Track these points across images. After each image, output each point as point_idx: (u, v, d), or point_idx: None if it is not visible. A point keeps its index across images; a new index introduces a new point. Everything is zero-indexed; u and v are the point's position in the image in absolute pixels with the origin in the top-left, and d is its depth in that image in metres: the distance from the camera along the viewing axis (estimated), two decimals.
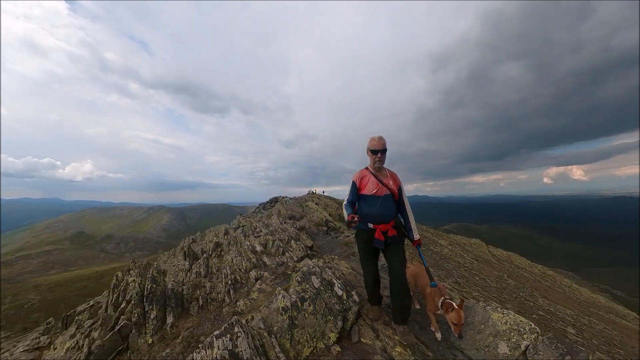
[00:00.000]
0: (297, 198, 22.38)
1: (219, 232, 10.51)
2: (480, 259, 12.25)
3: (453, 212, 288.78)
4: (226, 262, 5.33)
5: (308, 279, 2.88)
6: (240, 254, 5.53)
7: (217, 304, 3.89)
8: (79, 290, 36.25)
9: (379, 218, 2.37)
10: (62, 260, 67.52)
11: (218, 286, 4.29)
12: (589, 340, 4.42)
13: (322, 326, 2.41)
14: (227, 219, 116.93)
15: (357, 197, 2.50)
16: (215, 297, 4.04)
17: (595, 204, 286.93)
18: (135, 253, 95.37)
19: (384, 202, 2.38)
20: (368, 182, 2.42)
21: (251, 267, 4.97)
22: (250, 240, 6.40)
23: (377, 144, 2.36)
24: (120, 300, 4.14)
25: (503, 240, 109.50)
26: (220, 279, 4.58)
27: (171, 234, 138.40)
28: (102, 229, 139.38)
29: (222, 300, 3.95)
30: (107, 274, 44.80)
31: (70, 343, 3.77)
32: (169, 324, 3.46)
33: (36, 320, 25.75)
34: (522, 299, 6.41)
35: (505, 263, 13.63)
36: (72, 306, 29.70)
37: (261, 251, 5.79)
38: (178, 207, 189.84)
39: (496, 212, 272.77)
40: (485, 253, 14.69)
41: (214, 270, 5.37)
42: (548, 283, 12.03)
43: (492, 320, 2.47)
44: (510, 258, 15.85)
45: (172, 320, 3.53)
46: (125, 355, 3.11)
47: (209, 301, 3.91)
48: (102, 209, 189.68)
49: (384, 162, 2.44)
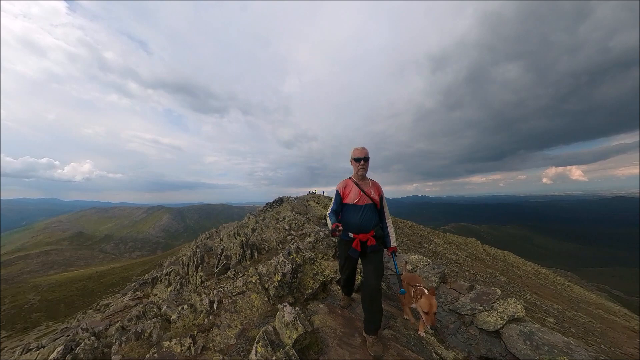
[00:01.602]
0: (299, 198, 25.09)
1: (245, 223, 15.33)
2: (474, 257, 12.52)
3: (452, 213, 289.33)
4: (268, 234, 8.95)
5: (317, 233, 6.18)
6: (277, 230, 9.23)
7: (274, 250, 7.38)
8: (79, 290, 36.36)
9: (359, 227, 2.39)
10: (61, 261, 67.56)
11: (272, 243, 7.82)
12: (568, 329, 4.68)
13: (326, 251, 5.13)
14: (226, 219, 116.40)
15: (341, 206, 2.54)
16: (274, 247, 7.53)
17: (594, 204, 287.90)
18: (134, 253, 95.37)
19: (365, 212, 2.42)
20: (351, 192, 2.47)
21: (285, 235, 8.39)
22: (280, 224, 10.19)
23: (360, 152, 2.47)
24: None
25: (502, 240, 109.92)
26: (270, 241, 8.08)
27: (170, 234, 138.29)
28: (101, 229, 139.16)
29: (276, 248, 7.42)
30: (107, 274, 44.91)
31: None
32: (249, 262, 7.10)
33: (37, 320, 25.88)
34: (509, 292, 6.67)
35: (499, 261, 13.89)
36: (73, 306, 29.50)
37: (290, 228, 9.36)
38: (177, 207, 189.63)
39: (495, 212, 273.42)
40: (479, 251, 14.96)
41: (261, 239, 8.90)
42: (540, 280, 12.30)
43: None
44: (505, 257, 16.12)
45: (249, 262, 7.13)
46: None
47: (268, 249, 7.49)
48: (100, 209, 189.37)
49: (367, 170, 2.51)
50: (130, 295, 11.23)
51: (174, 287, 8.31)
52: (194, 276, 8.25)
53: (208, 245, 12.45)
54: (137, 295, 10.99)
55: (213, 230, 21.75)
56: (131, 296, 11.03)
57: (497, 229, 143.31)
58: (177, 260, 14.00)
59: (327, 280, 3.64)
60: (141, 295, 10.84)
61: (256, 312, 3.08)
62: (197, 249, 10.85)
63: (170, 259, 16.31)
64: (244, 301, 3.32)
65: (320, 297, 3.34)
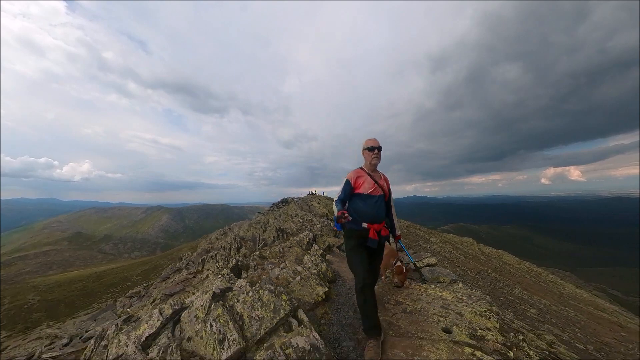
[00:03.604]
0: (302, 198, 27.90)
1: (259, 220, 19.23)
2: (469, 255, 12.77)
3: (451, 213, 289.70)
4: (287, 225, 13.29)
5: (322, 222, 11.44)
6: (294, 222, 13.63)
7: (295, 234, 10.33)
8: (79, 290, 36.38)
9: (373, 217, 2.38)
10: (61, 261, 67.46)
11: (293, 229, 11.98)
12: (548, 319, 4.92)
13: (329, 232, 9.69)
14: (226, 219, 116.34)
15: (350, 196, 2.51)
16: (295, 232, 11.09)
17: (593, 204, 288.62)
18: (133, 254, 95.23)
19: (379, 202, 2.44)
20: (364, 182, 2.46)
21: (300, 225, 12.29)
22: (295, 218, 14.62)
23: (374, 142, 2.51)
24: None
25: (501, 240, 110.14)
26: (291, 228, 12.27)
27: (170, 235, 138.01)
28: (100, 230, 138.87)
29: (296, 233, 10.90)
30: (107, 274, 44.90)
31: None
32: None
33: (37, 320, 25.96)
34: (497, 286, 6.91)
35: (493, 259, 14.15)
36: (73, 306, 29.63)
37: (302, 221, 13.17)
38: (176, 208, 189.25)
39: (494, 212, 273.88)
40: (474, 250, 15.22)
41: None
42: (533, 278, 12.55)
43: None
44: (500, 255, 16.39)
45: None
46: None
47: (291, 233, 11.44)
48: (100, 209, 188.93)
49: (380, 159, 2.53)
50: (187, 273, 12.46)
51: (226, 262, 10.48)
52: (237, 255, 10.40)
53: (241, 235, 15.20)
54: (191, 271, 12.42)
55: (226, 227, 27.41)
56: (187, 274, 12.25)
57: (497, 229, 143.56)
58: (211, 248, 16.94)
59: (331, 244, 7.62)
60: (195, 271, 12.17)
61: (299, 253, 7.19)
62: (236, 237, 14.42)
63: (196, 251, 19.82)
64: (293, 251, 7.50)
65: (327, 253, 6.52)
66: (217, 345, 1.98)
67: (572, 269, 59.79)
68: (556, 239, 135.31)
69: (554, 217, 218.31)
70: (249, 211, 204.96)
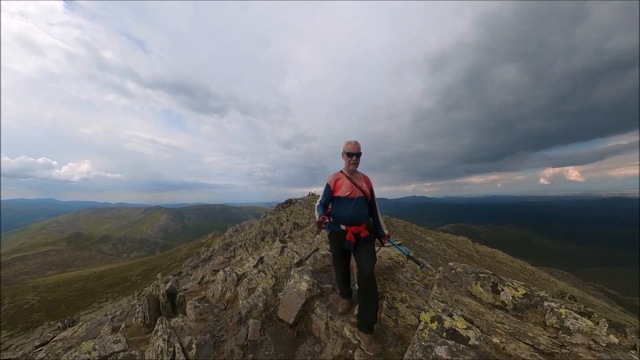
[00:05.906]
0: (304, 199, 30.73)
1: (269, 219, 23.47)
2: (463, 254, 13.04)
3: (451, 213, 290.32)
4: (299, 220, 19.55)
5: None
6: (304, 217, 19.75)
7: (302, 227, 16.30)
8: (79, 290, 36.62)
9: (351, 220, 2.39)
10: (60, 261, 67.59)
11: (303, 223, 18.07)
12: None
13: None
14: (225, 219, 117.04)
15: (331, 199, 2.56)
16: (305, 225, 16.64)
17: (592, 205, 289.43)
18: (132, 254, 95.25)
19: (357, 204, 2.44)
20: (342, 185, 2.48)
21: (308, 220, 17.89)
22: (303, 216, 20.27)
23: (353, 147, 2.45)
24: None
25: (501, 241, 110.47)
26: (302, 222, 18.45)
27: (169, 235, 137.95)
28: (99, 230, 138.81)
29: (305, 225, 16.39)
30: (106, 274, 45.10)
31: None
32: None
33: (38, 320, 26.17)
34: None
35: (487, 258, 14.43)
36: (73, 306, 30.00)
37: (310, 217, 17.93)
38: (175, 208, 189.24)
39: (493, 212, 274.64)
40: (469, 249, 15.49)
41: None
42: (525, 276, 12.83)
43: None
44: (494, 254, 16.67)
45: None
46: None
47: (302, 226, 16.93)
48: (98, 210, 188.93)
49: (358, 165, 2.54)
50: (223, 258, 15.53)
51: (254, 248, 13.74)
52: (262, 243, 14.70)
53: (263, 230, 19.75)
54: (226, 256, 15.71)
55: (238, 226, 34.95)
56: (224, 258, 15.17)
57: (496, 229, 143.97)
58: (231, 242, 22.49)
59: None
60: (229, 256, 15.48)
61: (312, 236, 10.78)
62: (259, 230, 19.21)
63: (218, 244, 25.71)
64: (308, 235, 11.71)
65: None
66: (292, 261, 5.22)
67: (571, 269, 59.97)
68: (555, 239, 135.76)
69: (553, 217, 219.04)
70: (248, 211, 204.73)
